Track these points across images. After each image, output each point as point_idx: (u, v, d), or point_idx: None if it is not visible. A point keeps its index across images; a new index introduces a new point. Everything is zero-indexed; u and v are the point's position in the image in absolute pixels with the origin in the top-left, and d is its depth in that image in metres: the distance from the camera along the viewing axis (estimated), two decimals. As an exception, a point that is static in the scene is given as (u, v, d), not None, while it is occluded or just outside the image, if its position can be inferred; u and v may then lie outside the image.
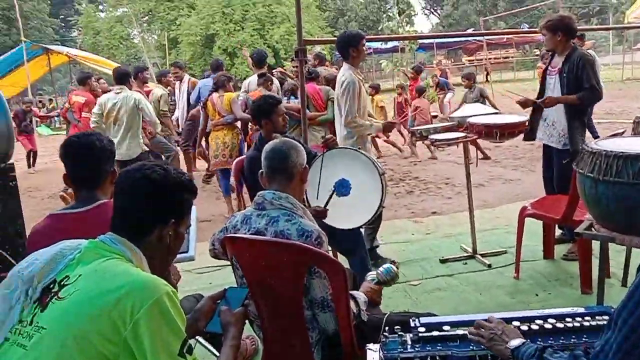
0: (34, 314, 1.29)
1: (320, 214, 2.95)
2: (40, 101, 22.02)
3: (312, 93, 6.14)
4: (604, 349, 1.17)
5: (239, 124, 6.01)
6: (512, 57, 29.49)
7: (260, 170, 2.24)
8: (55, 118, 20.03)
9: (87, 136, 2.12)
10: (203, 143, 6.85)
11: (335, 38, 4.39)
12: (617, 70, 22.89)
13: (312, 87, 6.01)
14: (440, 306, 3.27)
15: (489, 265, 3.90)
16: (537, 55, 8.41)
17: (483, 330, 1.55)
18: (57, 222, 2.03)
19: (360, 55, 4.00)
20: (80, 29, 34.84)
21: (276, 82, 6.63)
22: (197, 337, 2.49)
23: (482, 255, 4.04)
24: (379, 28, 27.98)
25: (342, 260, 3.56)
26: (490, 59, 24.61)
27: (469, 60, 29.27)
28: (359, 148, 3.65)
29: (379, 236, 4.43)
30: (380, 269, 2.33)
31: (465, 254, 4.14)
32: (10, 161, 3.01)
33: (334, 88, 6.38)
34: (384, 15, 22.93)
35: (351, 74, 3.87)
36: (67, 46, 24.42)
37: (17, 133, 11.73)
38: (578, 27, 4.08)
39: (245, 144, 6.17)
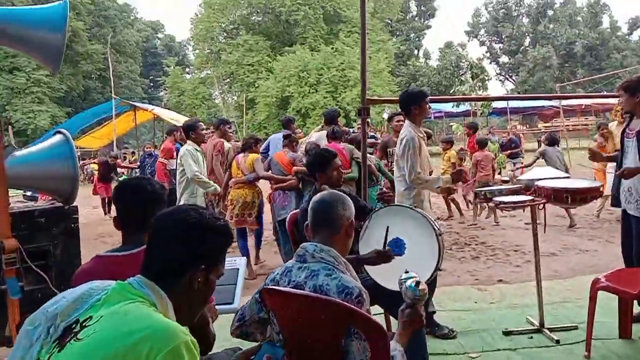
0: (51, 353, 1.26)
1: (382, 257, 2.82)
2: (124, 154, 23.45)
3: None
4: None
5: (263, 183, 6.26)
6: (590, 124, 28.40)
7: (306, 222, 2.18)
8: (137, 170, 21.27)
9: (139, 180, 2.17)
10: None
11: (397, 97, 4.38)
12: None
13: (335, 146, 6.11)
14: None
15: (557, 341, 3.55)
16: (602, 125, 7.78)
17: None
18: (103, 263, 2.05)
19: (422, 114, 3.95)
20: (166, 88, 37.29)
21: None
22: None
23: (550, 330, 3.70)
24: (451, 92, 27.97)
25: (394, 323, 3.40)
26: (567, 125, 23.82)
27: (545, 127, 28.47)
28: (415, 206, 3.53)
29: (437, 302, 4.21)
30: (403, 288, 2.01)
31: (532, 327, 3.81)
32: (74, 204, 3.15)
33: (358, 148, 6.44)
34: (457, 80, 22.90)
35: (411, 131, 3.83)
36: (154, 104, 26.11)
37: (98, 180, 12.59)
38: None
39: (266, 201, 6.37)
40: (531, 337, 3.70)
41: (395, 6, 41.12)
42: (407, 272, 2.07)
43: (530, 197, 3.75)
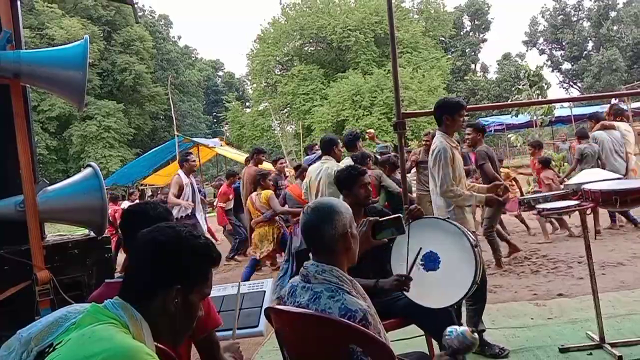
0: None
1: (402, 284, 2.70)
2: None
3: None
4: None
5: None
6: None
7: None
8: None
9: (143, 205, 2.18)
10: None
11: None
12: None
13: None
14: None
15: (620, 357, 3.23)
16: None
17: None
18: (111, 289, 2.06)
19: (455, 125, 3.79)
20: (228, 123, 38.46)
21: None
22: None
23: (612, 345, 3.38)
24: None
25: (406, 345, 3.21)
26: (637, 128, 22.37)
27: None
28: (448, 218, 3.37)
29: (491, 320, 3.97)
30: (453, 334, 1.84)
31: (591, 343, 3.51)
32: (106, 234, 3.23)
33: (386, 172, 6.20)
34: (514, 91, 22.15)
35: (442, 141, 3.68)
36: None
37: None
38: None
39: (289, 234, 6.35)
40: (590, 354, 3.40)
41: (448, 23, 40.65)
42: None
43: (576, 202, 3.49)
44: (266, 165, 8.40)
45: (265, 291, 2.97)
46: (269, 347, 4.20)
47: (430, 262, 2.99)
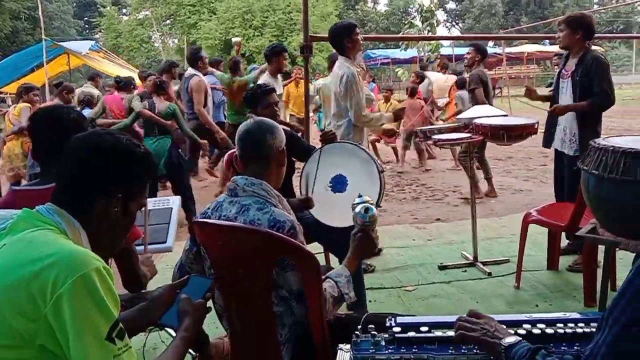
0: None
1: (304, 205, 2.81)
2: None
3: (111, 103, 6.35)
4: (594, 353, 1.01)
5: None
6: (532, 73, 29.15)
7: (235, 154, 2.09)
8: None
9: (55, 108, 2.01)
10: None
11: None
12: (639, 89, 22.49)
13: (114, 97, 6.28)
14: (434, 313, 3.09)
15: (489, 274, 3.71)
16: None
17: (473, 325, 1.38)
18: (18, 197, 1.91)
19: (356, 46, 3.80)
20: (102, 30, 35.26)
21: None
22: (167, 328, 2.34)
23: (483, 264, 3.85)
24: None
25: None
26: (510, 73, 24.32)
27: (489, 74, 28.95)
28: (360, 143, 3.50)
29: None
30: (353, 214, 1.97)
31: (466, 262, 3.95)
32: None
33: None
34: (406, 25, 22.72)
35: (349, 67, 3.70)
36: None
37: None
38: (600, 35, 3.91)
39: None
40: (465, 271, 3.83)
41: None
42: (360, 195, 2.04)
43: (468, 135, 3.79)
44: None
45: (172, 208, 2.94)
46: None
47: (339, 184, 3.11)
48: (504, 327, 1.40)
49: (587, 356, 1.05)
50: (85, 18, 46.79)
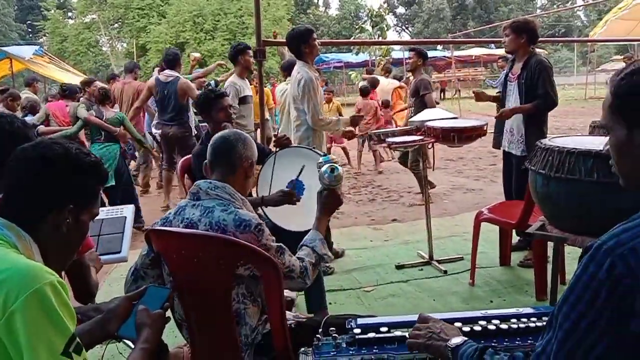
0: None
1: (288, 197, 2.82)
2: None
3: (55, 109, 6.21)
4: (546, 350, 1.03)
5: None
6: (479, 75, 30.04)
7: (205, 161, 2.08)
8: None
9: (-2, 117, 1.92)
10: None
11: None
12: (580, 90, 23.60)
13: (58, 105, 6.18)
14: (393, 312, 3.13)
15: (445, 272, 3.80)
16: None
17: (420, 331, 1.41)
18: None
19: (314, 51, 3.87)
20: (46, 34, 34.00)
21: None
22: (124, 340, 2.29)
23: (439, 262, 3.94)
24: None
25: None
26: (459, 76, 24.98)
27: (438, 77, 29.67)
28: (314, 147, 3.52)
29: (335, 242, 4.31)
30: (320, 173, 2.07)
31: (422, 261, 4.04)
32: None
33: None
34: (357, 30, 23.00)
35: (307, 71, 3.75)
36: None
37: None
38: (544, 39, 4.07)
39: None
40: (421, 269, 3.91)
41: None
42: (325, 155, 2.11)
43: (420, 137, 3.87)
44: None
45: (125, 217, 2.87)
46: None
47: (296, 189, 3.12)
48: (452, 326, 1.41)
49: (538, 353, 1.06)
50: (28, 22, 45.02)
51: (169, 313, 1.65)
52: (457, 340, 1.30)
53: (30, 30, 45.16)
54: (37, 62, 16.87)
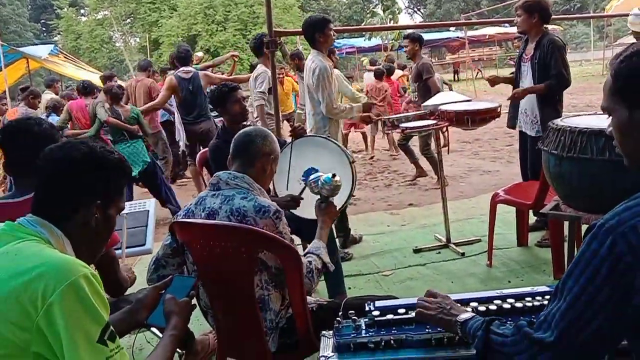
0: None
1: (293, 203, 2.86)
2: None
3: (77, 110, 6.31)
4: (547, 319, 1.09)
5: None
6: (494, 54, 29.63)
7: (229, 157, 2.16)
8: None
9: (26, 120, 2.01)
10: None
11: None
12: (598, 65, 23.15)
13: (79, 104, 6.22)
14: (411, 295, 3.15)
15: (463, 254, 3.83)
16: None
17: (430, 305, 1.46)
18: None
19: (328, 40, 3.88)
20: (60, 33, 34.33)
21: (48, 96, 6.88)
22: (151, 328, 2.38)
23: (456, 245, 3.97)
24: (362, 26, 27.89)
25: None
26: (473, 56, 24.67)
27: (452, 58, 29.32)
28: (328, 136, 3.56)
29: (353, 228, 4.36)
30: (318, 183, 2.18)
31: (439, 244, 4.07)
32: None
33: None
34: (368, 14, 22.83)
35: (321, 60, 3.77)
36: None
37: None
38: (557, 17, 4.03)
39: None
40: (439, 252, 3.95)
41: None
42: (312, 172, 2.20)
43: (434, 121, 3.89)
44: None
45: (148, 210, 2.96)
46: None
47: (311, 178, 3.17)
48: (459, 305, 1.47)
49: (540, 322, 1.12)
50: (42, 21, 45.47)
51: (194, 301, 1.73)
52: (465, 315, 1.36)
53: (44, 29, 45.63)
54: (52, 61, 17.08)
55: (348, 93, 4.73)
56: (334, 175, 2.15)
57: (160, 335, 2.28)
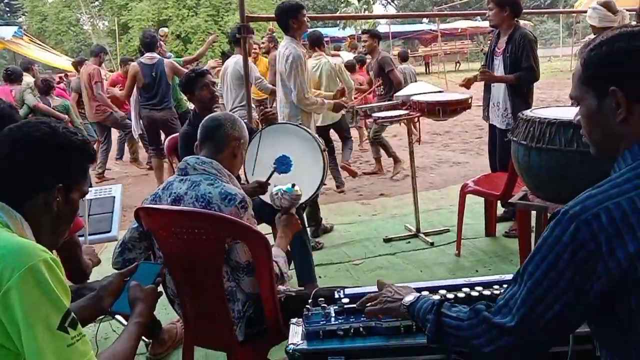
0: None
1: (260, 189, 2.83)
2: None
3: (2, 95, 5.97)
4: (509, 304, 1.09)
5: None
6: (466, 48, 29.97)
7: (197, 143, 2.12)
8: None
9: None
10: None
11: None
12: (566, 61, 23.62)
13: (4, 90, 6.19)
14: (381, 284, 3.19)
15: (432, 244, 3.87)
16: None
17: (373, 300, 1.45)
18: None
19: (302, 27, 3.79)
20: (25, 13, 33.23)
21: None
22: (116, 316, 2.33)
23: (426, 234, 4.01)
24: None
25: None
26: (445, 49, 24.91)
27: (424, 51, 29.54)
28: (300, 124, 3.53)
29: (324, 218, 4.36)
30: (279, 194, 2.17)
31: (409, 233, 4.10)
32: None
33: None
34: (342, 4, 22.76)
35: (295, 47, 3.69)
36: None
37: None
38: (528, 11, 4.06)
39: None
40: (409, 242, 3.98)
41: None
42: (275, 186, 2.19)
43: (406, 112, 3.90)
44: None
45: (114, 196, 2.89)
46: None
47: (283, 165, 3.13)
48: (406, 286, 1.46)
49: (500, 306, 1.10)
50: (6, 1, 43.94)
51: (160, 288, 1.69)
52: (410, 297, 1.34)
53: (8, 9, 44.07)
54: (17, 43, 16.55)
55: (349, 83, 4.93)
56: (293, 185, 2.15)
57: (126, 323, 2.24)
